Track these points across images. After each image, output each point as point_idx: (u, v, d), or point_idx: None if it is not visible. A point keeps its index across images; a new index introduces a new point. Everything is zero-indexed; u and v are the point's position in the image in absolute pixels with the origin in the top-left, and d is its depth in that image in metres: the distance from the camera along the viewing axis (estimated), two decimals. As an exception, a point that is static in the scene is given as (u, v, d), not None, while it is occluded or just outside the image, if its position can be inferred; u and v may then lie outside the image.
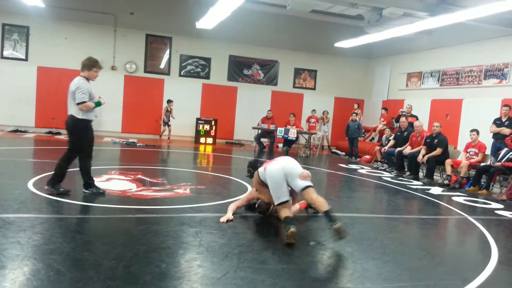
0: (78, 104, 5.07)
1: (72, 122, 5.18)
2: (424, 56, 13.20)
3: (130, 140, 12.39)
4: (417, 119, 11.12)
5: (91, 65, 5.29)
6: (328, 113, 15.33)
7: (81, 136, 5.24)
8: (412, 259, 4.02)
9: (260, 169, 4.64)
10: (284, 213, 4.18)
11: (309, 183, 4.34)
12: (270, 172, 4.41)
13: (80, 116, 5.14)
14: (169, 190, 6.08)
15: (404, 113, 12.36)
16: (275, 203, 4.35)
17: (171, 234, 4.05)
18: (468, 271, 3.76)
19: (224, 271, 3.25)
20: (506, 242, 5.01)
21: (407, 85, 13.99)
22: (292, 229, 3.93)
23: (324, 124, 15.28)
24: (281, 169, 4.38)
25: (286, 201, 4.28)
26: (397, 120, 12.60)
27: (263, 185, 4.59)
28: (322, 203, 4.17)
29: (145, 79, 14.12)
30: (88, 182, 5.41)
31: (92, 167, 5.47)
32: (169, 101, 13.63)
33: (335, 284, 3.24)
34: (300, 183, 4.31)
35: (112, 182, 6.32)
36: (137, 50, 14.00)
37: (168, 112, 13.58)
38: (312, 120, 14.97)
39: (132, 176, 6.84)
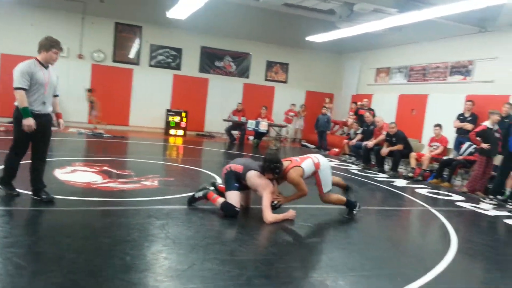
0: (14, 88, 4.24)
1: (14, 112, 4.36)
2: (393, 52, 13.48)
3: (97, 131, 12.08)
4: (374, 113, 11.36)
5: (49, 45, 4.48)
6: (304, 107, 15.32)
7: (17, 129, 4.34)
8: (376, 249, 4.13)
9: (306, 166, 4.92)
10: (335, 196, 5.21)
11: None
12: (325, 165, 5.11)
13: (17, 103, 4.29)
14: (136, 182, 5.98)
15: (361, 106, 12.63)
16: (325, 191, 5.06)
17: (137, 226, 3.99)
18: (429, 260, 3.89)
19: (191, 263, 3.24)
20: (465, 233, 5.22)
21: (376, 80, 14.26)
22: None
23: (299, 117, 15.38)
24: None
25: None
26: (356, 113, 12.86)
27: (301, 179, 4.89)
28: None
29: (114, 69, 13.76)
30: (37, 187, 4.54)
31: (55, 159, 5.26)
32: (89, 91, 12.50)
33: (302, 274, 3.29)
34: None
35: (77, 174, 6.15)
36: (106, 38, 13.61)
37: (92, 103, 12.47)
38: (291, 113, 15.01)
39: (98, 168, 6.68)
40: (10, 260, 2.98)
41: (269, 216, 4.49)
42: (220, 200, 4.62)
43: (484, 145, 7.60)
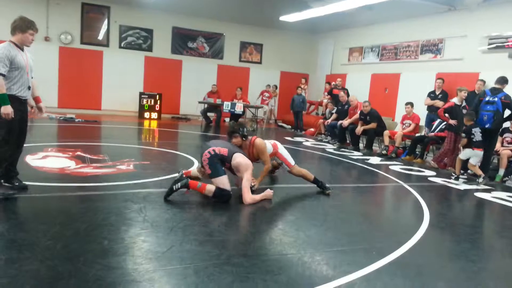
0: None
1: None
2: (365, 31, 13.57)
3: (68, 116, 11.76)
4: (347, 92, 11.48)
5: (25, 26, 4.23)
6: (276, 88, 15.39)
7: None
8: (351, 225, 4.23)
9: (268, 144, 5.46)
10: (304, 170, 5.53)
11: None
12: (281, 146, 5.69)
13: None
14: (111, 166, 5.88)
15: (335, 86, 12.76)
16: (292, 163, 5.48)
17: (113, 211, 3.95)
18: (402, 234, 4.02)
19: (169, 245, 3.24)
20: (437, 207, 5.40)
21: (349, 59, 14.36)
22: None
23: (272, 98, 15.39)
24: None
25: None
26: (330, 93, 12.98)
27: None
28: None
29: (82, 51, 13.32)
30: (9, 174, 4.31)
31: (26, 145, 5.01)
32: None
33: (279, 251, 3.34)
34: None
35: (49, 160, 6.00)
36: (73, 20, 13.12)
37: None
38: (266, 94, 14.98)
39: (71, 153, 6.53)
40: (-18, 249, 2.91)
41: (248, 197, 4.52)
42: (210, 187, 4.46)
43: (452, 121, 7.81)
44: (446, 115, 7.92)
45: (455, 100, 7.99)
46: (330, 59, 15.40)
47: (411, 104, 9.47)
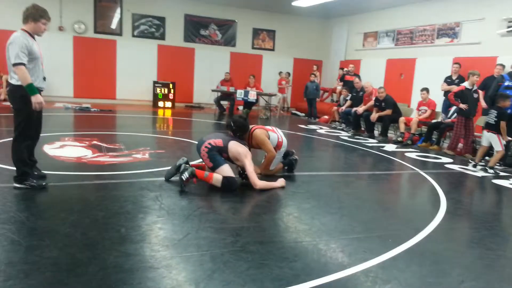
0: (13, 65, 3.83)
1: (10, 92, 4.00)
2: (380, 15, 13.31)
3: (84, 105, 11.89)
4: (359, 78, 11.33)
5: (39, 15, 4.08)
6: (289, 75, 15.32)
7: (20, 110, 3.96)
8: (366, 212, 4.21)
9: (271, 134, 5.21)
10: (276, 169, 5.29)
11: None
12: (283, 148, 5.33)
13: (15, 81, 3.92)
14: (127, 155, 5.95)
15: (347, 72, 12.59)
16: (271, 168, 5.22)
17: (130, 199, 4.00)
18: (419, 221, 3.98)
19: (186, 232, 3.27)
20: (453, 194, 5.33)
21: (363, 45, 14.14)
22: None
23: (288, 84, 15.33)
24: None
25: None
26: (342, 79, 12.82)
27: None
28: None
29: (96, 40, 13.39)
30: (25, 172, 4.10)
31: (44, 134, 5.04)
32: None
33: (294, 239, 3.35)
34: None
35: (66, 149, 6.09)
36: (86, 9, 13.17)
37: None
38: (283, 82, 14.91)
39: (87, 142, 6.61)
40: (4, 235, 2.98)
41: (257, 181, 4.55)
42: (218, 176, 4.47)
43: (462, 105, 7.77)
44: (458, 100, 7.82)
45: (465, 84, 7.91)
46: (344, 44, 15.18)
47: (427, 90, 9.30)
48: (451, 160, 7.44)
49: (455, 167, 6.90)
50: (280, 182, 4.80)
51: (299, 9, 13.56)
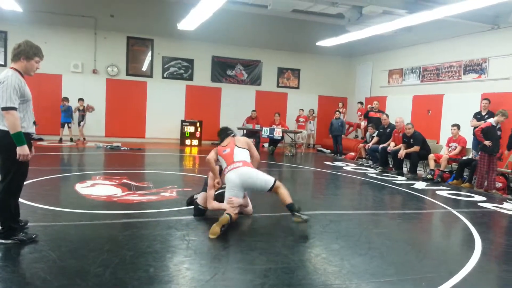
0: (3, 109, 3.39)
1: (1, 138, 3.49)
2: (405, 52, 13.38)
3: (114, 144, 12.25)
4: (386, 115, 11.25)
5: (32, 53, 3.61)
6: (314, 112, 15.45)
7: (9, 157, 3.49)
8: (398, 254, 4.08)
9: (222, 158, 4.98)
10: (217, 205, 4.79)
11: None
12: (232, 179, 4.75)
13: (3, 126, 3.47)
14: (155, 193, 6.04)
15: (371, 108, 12.54)
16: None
17: (158, 238, 4.03)
18: (453, 264, 3.83)
19: (213, 273, 3.25)
20: (489, 234, 5.12)
21: (388, 81, 14.17)
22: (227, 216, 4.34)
23: (310, 122, 15.42)
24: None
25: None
26: (366, 116, 12.77)
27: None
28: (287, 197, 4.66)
29: (128, 82, 13.98)
30: (12, 227, 3.66)
31: (76, 173, 5.27)
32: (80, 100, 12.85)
33: (323, 282, 3.27)
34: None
35: (97, 187, 6.25)
36: (119, 52, 13.86)
37: (81, 110, 12.81)
38: (301, 119, 15.05)
39: (117, 181, 6.77)
40: (36, 275, 3.04)
41: (209, 204, 4.84)
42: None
43: (487, 142, 7.75)
44: (482, 135, 7.86)
45: (491, 121, 7.86)
46: (369, 81, 15.26)
47: (458, 126, 9.14)
48: (484, 198, 7.18)
49: (489, 205, 6.65)
50: (225, 205, 4.62)
51: (323, 48, 13.82)
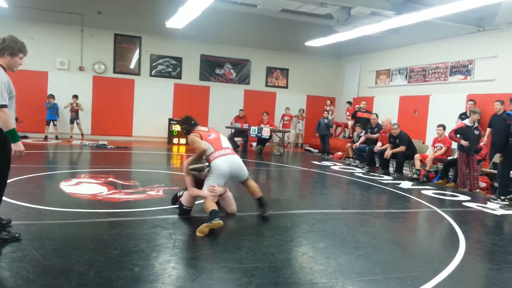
0: None
1: None
2: (392, 54, 13.51)
3: (101, 142, 12.12)
4: (376, 115, 11.38)
5: (17, 49, 3.52)
6: (303, 111, 15.51)
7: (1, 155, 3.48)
8: (383, 253, 4.11)
9: (210, 139, 4.95)
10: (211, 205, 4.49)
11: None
12: (219, 166, 4.75)
13: None
14: (142, 192, 5.99)
15: (359, 109, 12.65)
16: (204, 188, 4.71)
17: (144, 237, 4.00)
18: (437, 263, 3.87)
19: (199, 272, 3.24)
20: (473, 233, 5.19)
21: (376, 82, 14.28)
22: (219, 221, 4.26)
23: (299, 122, 15.48)
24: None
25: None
26: (354, 116, 12.87)
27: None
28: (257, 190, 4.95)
29: (115, 80, 13.83)
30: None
31: (60, 171, 5.22)
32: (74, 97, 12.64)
33: (310, 280, 3.27)
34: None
35: (82, 186, 6.17)
36: (106, 50, 13.70)
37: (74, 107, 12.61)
38: (286, 118, 15.11)
39: (103, 179, 6.70)
40: (19, 274, 2.99)
41: (189, 190, 4.76)
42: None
43: (463, 142, 7.96)
44: (458, 136, 8.09)
45: (466, 122, 8.15)
46: (356, 82, 15.36)
47: (443, 127, 9.27)
48: (468, 198, 7.29)
49: (473, 205, 6.75)
50: (206, 192, 4.60)
51: (312, 48, 13.87)
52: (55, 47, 13.03)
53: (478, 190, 7.89)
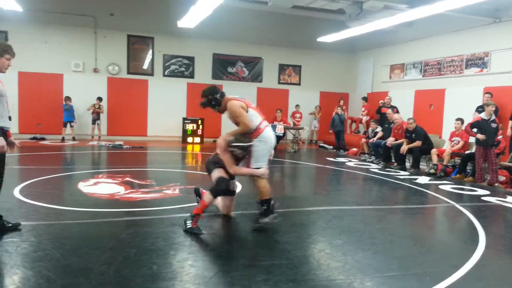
0: None
1: None
2: (406, 47, 13.33)
3: (117, 143, 12.26)
4: (397, 110, 11.24)
5: (2, 50, 3.71)
6: (320, 109, 15.42)
7: None
8: (401, 248, 4.07)
9: (252, 113, 4.45)
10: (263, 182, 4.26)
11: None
12: (267, 138, 4.39)
13: None
14: (158, 191, 6.04)
15: (383, 104, 12.52)
16: (253, 165, 4.31)
17: (161, 235, 4.03)
18: (457, 258, 3.82)
19: (217, 270, 3.26)
20: (493, 228, 5.10)
21: (390, 77, 14.12)
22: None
23: (315, 118, 15.43)
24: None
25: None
26: (378, 111, 12.75)
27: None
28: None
29: (129, 81, 13.97)
30: None
31: (78, 172, 5.30)
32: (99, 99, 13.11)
33: (327, 277, 3.26)
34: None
35: (100, 186, 6.25)
36: (119, 51, 13.84)
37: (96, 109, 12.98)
38: (297, 115, 15.05)
39: (120, 179, 6.77)
40: (40, 273, 3.05)
41: (232, 169, 4.30)
42: (206, 193, 4.29)
43: (480, 136, 7.79)
44: (474, 129, 7.94)
45: (482, 115, 7.98)
46: (370, 77, 15.21)
47: (461, 120, 9.08)
48: (488, 192, 7.16)
49: (493, 199, 6.63)
50: (260, 171, 4.28)
51: (324, 44, 13.77)
52: (69, 49, 13.21)
53: (497, 184, 7.76)
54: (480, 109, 9.43)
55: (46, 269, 3.12)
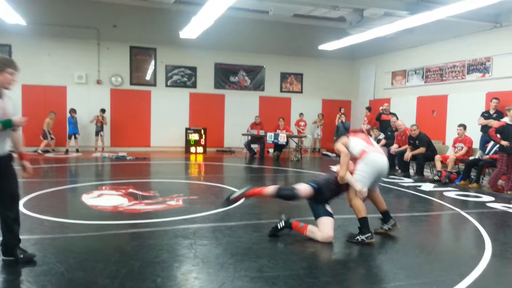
0: None
1: None
2: (407, 54, 13.36)
3: (120, 154, 12.29)
4: (396, 117, 11.20)
5: (2, 64, 3.40)
6: (322, 116, 15.42)
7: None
8: (407, 257, 4.04)
9: (355, 142, 4.66)
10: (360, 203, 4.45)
11: None
12: (373, 159, 4.52)
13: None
14: (162, 202, 6.03)
15: (383, 111, 12.50)
16: (358, 188, 4.47)
17: (165, 247, 4.02)
18: (463, 266, 3.78)
19: (221, 282, 3.23)
20: (499, 235, 5.05)
21: (392, 83, 14.13)
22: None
23: (318, 127, 15.42)
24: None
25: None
26: (378, 118, 12.73)
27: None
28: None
29: (132, 92, 14.04)
30: (10, 243, 3.52)
31: (82, 184, 5.29)
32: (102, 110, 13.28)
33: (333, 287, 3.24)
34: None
35: (103, 198, 6.25)
36: (122, 62, 13.93)
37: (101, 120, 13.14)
38: (302, 123, 15.05)
39: (123, 191, 6.78)
40: (45, 287, 3.04)
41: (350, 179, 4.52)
42: (312, 227, 4.39)
43: (504, 142, 7.52)
44: (498, 135, 7.63)
45: (506, 120, 7.67)
46: (372, 84, 15.23)
47: (464, 127, 9.03)
48: (492, 199, 7.11)
49: (498, 205, 6.58)
50: (359, 186, 4.45)
51: (326, 52, 13.83)
52: (72, 61, 13.31)
53: (510, 192, 7.54)
54: (485, 114, 9.39)
55: (50, 284, 3.11)
